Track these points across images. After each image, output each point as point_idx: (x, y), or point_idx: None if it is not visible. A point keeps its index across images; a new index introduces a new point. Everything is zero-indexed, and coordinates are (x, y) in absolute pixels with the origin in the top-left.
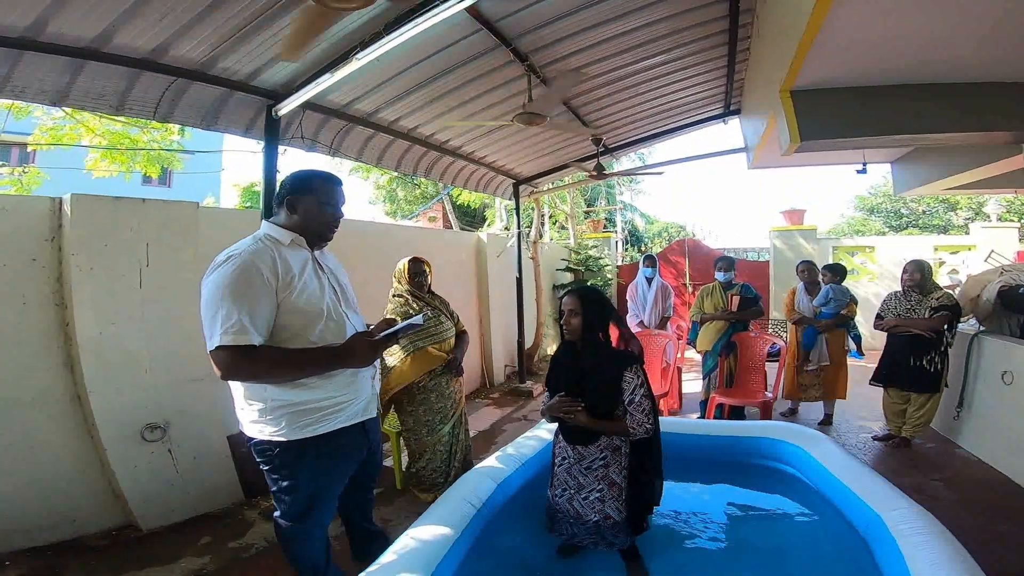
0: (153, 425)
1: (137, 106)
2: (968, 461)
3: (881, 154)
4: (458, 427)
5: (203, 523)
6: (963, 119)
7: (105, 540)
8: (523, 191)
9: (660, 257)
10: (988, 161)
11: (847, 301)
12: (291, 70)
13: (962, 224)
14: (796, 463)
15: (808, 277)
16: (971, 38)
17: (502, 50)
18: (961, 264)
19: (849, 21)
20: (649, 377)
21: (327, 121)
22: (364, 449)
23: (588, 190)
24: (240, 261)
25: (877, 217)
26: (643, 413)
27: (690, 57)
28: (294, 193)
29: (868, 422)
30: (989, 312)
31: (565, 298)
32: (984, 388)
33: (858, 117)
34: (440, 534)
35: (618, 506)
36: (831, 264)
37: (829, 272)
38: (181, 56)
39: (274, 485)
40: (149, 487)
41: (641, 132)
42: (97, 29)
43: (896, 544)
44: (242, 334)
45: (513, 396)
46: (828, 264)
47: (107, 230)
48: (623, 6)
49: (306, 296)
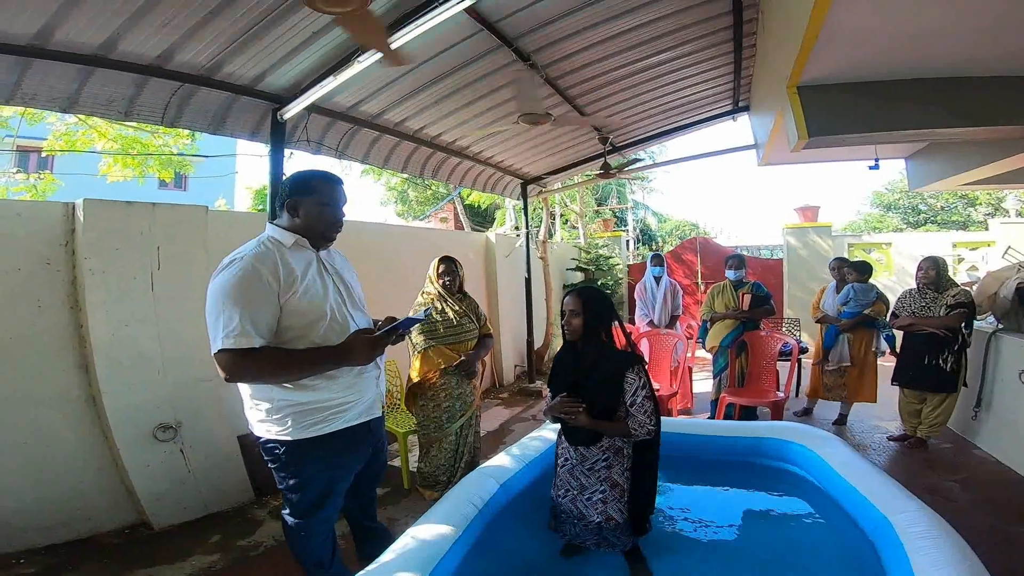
0: (165, 425)
1: (145, 111)
2: (985, 461)
3: (895, 149)
4: (467, 429)
5: (213, 522)
6: (971, 114)
7: (118, 538)
8: (531, 191)
9: (672, 256)
10: (1001, 156)
11: (871, 300)
12: (295, 73)
13: (982, 220)
14: (804, 464)
15: (840, 275)
16: (975, 31)
17: (504, 50)
18: (981, 261)
19: (852, 14)
20: (659, 376)
21: (333, 124)
22: (369, 448)
23: (599, 189)
24: (242, 265)
25: (895, 213)
26: (645, 414)
27: (696, 54)
28: (294, 195)
29: (884, 422)
30: (1007, 309)
31: (566, 298)
32: (1001, 387)
33: (866, 113)
34: (441, 534)
35: (620, 507)
36: (856, 262)
37: (855, 271)
38: (186, 61)
39: (281, 483)
40: (161, 486)
41: (649, 130)
42: (102, 36)
43: (903, 547)
44: (243, 337)
45: (522, 396)
46: (853, 262)
47: (119, 234)
48: (622, 5)
49: (309, 297)
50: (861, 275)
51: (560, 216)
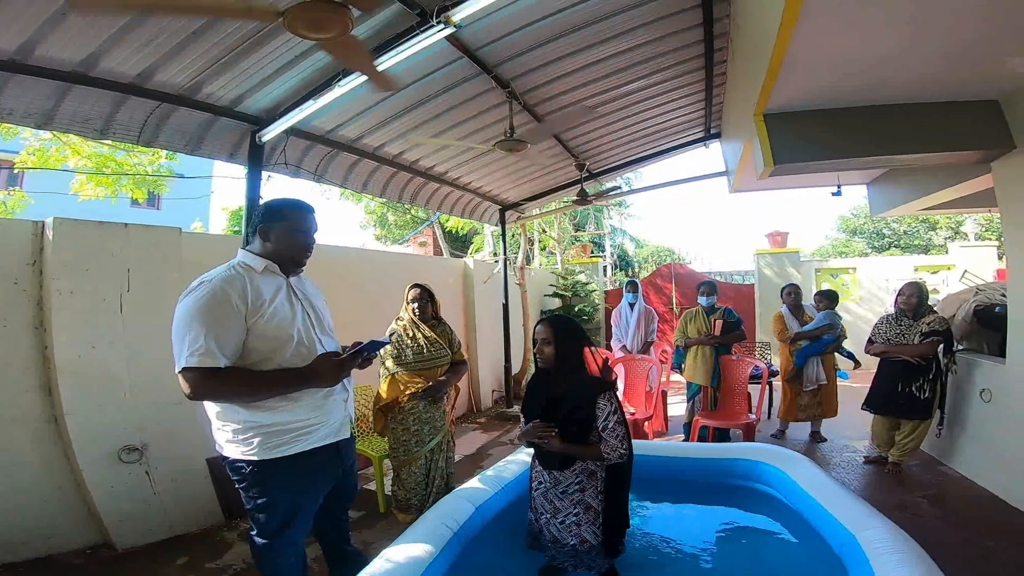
0: (131, 447)
1: (122, 130)
2: (952, 478)
3: (857, 176)
4: (437, 453)
5: (181, 543)
6: (932, 139)
7: (79, 558)
8: (509, 217)
9: (647, 282)
10: (959, 181)
11: (839, 324)
12: (275, 96)
13: (942, 244)
14: (775, 484)
15: (793, 300)
16: (933, 57)
17: (484, 77)
18: (941, 284)
19: (815, 41)
20: (634, 401)
21: (312, 147)
22: (338, 469)
23: (577, 215)
24: (210, 288)
25: (860, 238)
26: (617, 439)
27: (669, 82)
28: (266, 221)
29: (854, 441)
30: (967, 330)
31: (537, 327)
32: (965, 406)
33: (830, 140)
34: (415, 556)
35: (594, 530)
36: (825, 291)
37: (825, 299)
38: (166, 81)
39: (248, 503)
40: (126, 507)
41: (624, 157)
42: (83, 53)
43: (868, 562)
44: (208, 356)
45: (500, 420)
46: (821, 291)
47: (89, 255)
48: (596, 35)
49: (277, 321)
50: (832, 303)
51: (538, 242)
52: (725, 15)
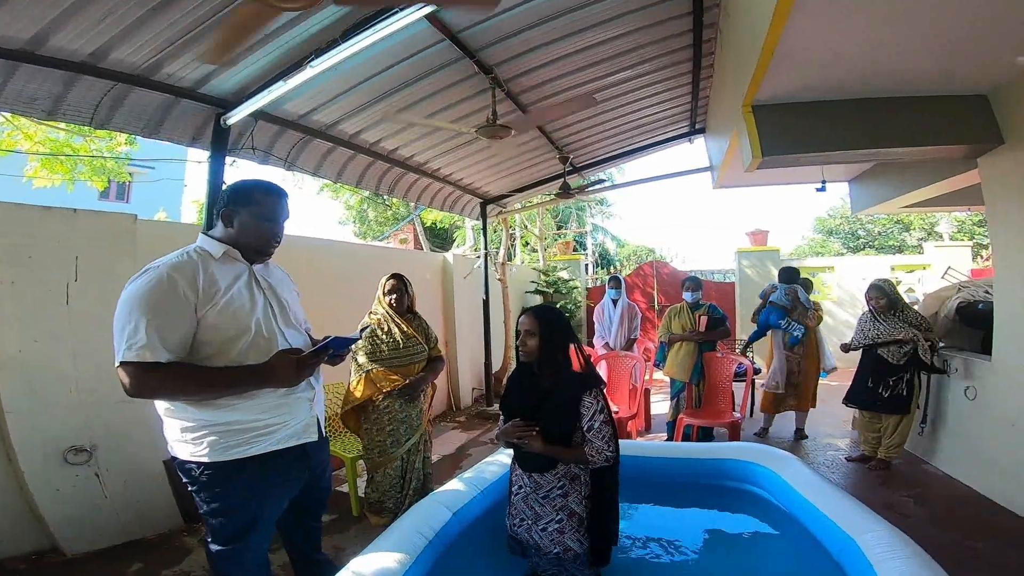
0: (78, 448)
1: (72, 111)
2: (936, 477)
3: (840, 172)
4: (414, 454)
5: (136, 549)
6: (921, 133)
7: (24, 563)
8: (491, 211)
9: (628, 280)
10: (943, 177)
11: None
12: (242, 77)
13: (916, 244)
14: (766, 485)
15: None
16: (926, 51)
17: (466, 62)
18: (917, 283)
19: (807, 32)
20: (617, 398)
21: (282, 132)
22: (305, 472)
23: (559, 212)
24: (156, 274)
25: (836, 238)
26: (603, 440)
27: (655, 74)
28: (232, 204)
29: (835, 439)
30: (949, 328)
31: (521, 318)
32: (948, 404)
33: (818, 132)
34: (386, 567)
35: (579, 537)
36: (785, 267)
37: (784, 274)
38: (122, 60)
39: (202, 507)
40: (73, 511)
41: (608, 151)
42: (32, 30)
43: (872, 568)
44: (147, 350)
45: (480, 419)
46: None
47: (32, 241)
48: (582, 21)
49: (232, 311)
50: (792, 280)
51: (520, 238)
52: (715, 4)
